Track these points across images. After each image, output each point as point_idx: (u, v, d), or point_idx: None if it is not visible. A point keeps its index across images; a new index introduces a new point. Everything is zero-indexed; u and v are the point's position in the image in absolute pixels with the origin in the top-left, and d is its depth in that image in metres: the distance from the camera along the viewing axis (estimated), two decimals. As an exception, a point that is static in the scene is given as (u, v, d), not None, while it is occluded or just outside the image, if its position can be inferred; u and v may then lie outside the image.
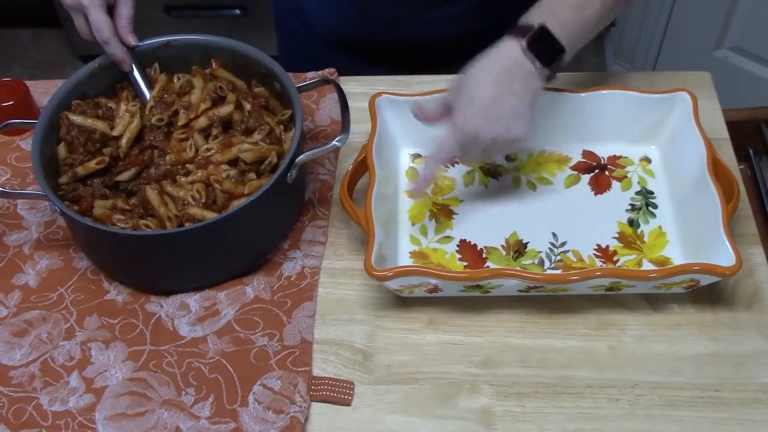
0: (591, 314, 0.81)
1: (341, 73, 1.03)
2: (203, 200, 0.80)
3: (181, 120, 0.86)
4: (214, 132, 0.86)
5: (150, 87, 0.89)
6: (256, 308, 0.82)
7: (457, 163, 0.93)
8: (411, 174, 0.92)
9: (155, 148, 0.85)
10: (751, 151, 1.02)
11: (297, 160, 0.80)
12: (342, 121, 0.82)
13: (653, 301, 0.81)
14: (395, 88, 1.01)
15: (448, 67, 1.04)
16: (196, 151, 0.85)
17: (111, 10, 0.85)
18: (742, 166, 0.97)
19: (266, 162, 0.83)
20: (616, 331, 0.79)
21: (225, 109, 0.86)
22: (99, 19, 0.83)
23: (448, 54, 1.05)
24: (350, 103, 0.85)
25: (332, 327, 0.81)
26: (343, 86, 0.93)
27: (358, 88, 1.01)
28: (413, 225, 0.88)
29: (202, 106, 0.86)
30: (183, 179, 0.83)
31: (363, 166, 0.85)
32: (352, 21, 1.05)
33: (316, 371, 0.77)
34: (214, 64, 0.90)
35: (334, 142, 0.80)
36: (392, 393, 0.76)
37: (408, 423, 0.74)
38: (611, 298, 0.81)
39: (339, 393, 0.75)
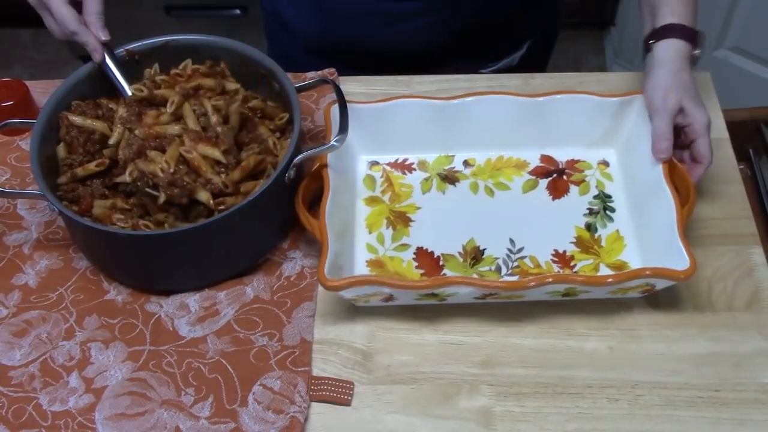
0: (590, 314, 0.81)
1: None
2: (171, 170, 0.78)
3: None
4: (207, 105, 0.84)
5: (127, 79, 0.87)
6: (256, 308, 0.82)
7: (415, 170, 0.92)
8: (368, 182, 0.91)
9: (129, 130, 0.82)
10: (750, 151, 1.02)
11: (295, 160, 0.80)
12: (340, 121, 0.82)
13: (653, 301, 0.81)
14: (395, 87, 1.01)
15: (429, 71, 1.03)
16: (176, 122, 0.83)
17: (78, 8, 0.83)
18: (741, 166, 0.97)
19: (265, 174, 0.83)
20: (616, 331, 0.79)
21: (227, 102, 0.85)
22: (62, 11, 0.81)
23: (425, 62, 1.05)
24: (350, 103, 0.85)
25: (332, 327, 0.81)
26: (342, 86, 0.93)
27: (358, 88, 1.01)
28: (370, 233, 0.87)
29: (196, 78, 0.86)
30: (154, 153, 0.80)
31: (320, 175, 0.84)
32: (324, 30, 1.05)
33: (316, 371, 0.77)
34: (222, 63, 0.90)
35: (332, 142, 0.80)
36: (392, 393, 0.76)
37: (408, 423, 0.74)
38: (611, 299, 0.81)
39: (339, 393, 0.75)
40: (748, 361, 0.77)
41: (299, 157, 0.81)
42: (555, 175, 0.91)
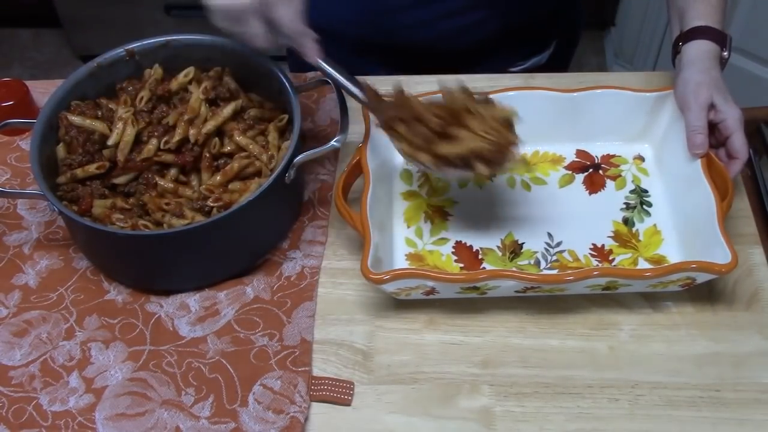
0: (590, 314, 0.81)
1: (351, 73, 1.02)
2: (175, 139, 0.80)
3: (180, 129, 0.84)
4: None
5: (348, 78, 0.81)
6: (256, 308, 0.82)
7: None
8: (405, 176, 0.92)
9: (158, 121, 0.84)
10: (751, 151, 1.02)
11: (295, 161, 0.80)
12: (340, 122, 0.82)
13: (653, 301, 0.81)
14: (395, 88, 1.01)
15: (459, 70, 1.03)
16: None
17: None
18: (742, 166, 0.97)
19: (263, 175, 0.84)
20: (616, 330, 0.79)
21: (229, 109, 0.86)
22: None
23: (459, 61, 1.05)
24: (350, 104, 0.85)
25: (332, 327, 0.81)
26: (342, 86, 0.92)
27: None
28: (408, 227, 0.87)
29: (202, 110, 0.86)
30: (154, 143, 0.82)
31: (358, 169, 0.85)
32: (364, 23, 1.04)
33: (316, 371, 0.77)
34: (225, 72, 0.90)
35: (332, 143, 0.80)
36: (392, 393, 0.76)
37: (408, 423, 0.74)
38: (611, 298, 0.81)
39: (339, 393, 0.75)
40: (749, 361, 0.77)
41: (299, 157, 0.81)
42: (591, 170, 0.92)
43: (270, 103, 0.91)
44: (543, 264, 0.84)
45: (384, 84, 1.01)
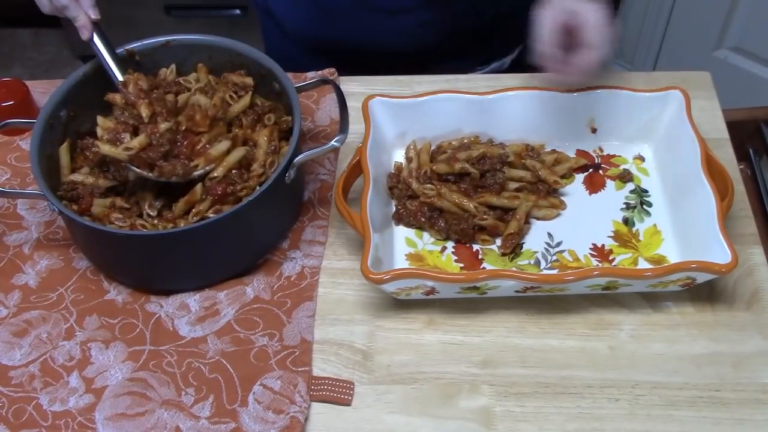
0: (590, 314, 0.81)
1: None
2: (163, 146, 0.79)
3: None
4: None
5: (115, 59, 0.86)
6: (256, 308, 0.82)
7: None
8: None
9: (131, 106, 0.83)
10: (751, 151, 1.02)
11: (295, 161, 0.80)
12: (340, 122, 0.82)
13: (653, 301, 0.81)
14: (395, 87, 1.01)
15: (421, 72, 1.03)
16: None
17: None
18: (742, 166, 0.97)
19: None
20: (616, 330, 0.79)
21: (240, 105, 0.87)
22: None
23: (417, 63, 1.04)
24: (350, 103, 0.85)
25: (332, 327, 0.81)
26: (342, 86, 0.93)
27: (357, 87, 1.01)
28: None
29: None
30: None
31: (358, 169, 0.85)
32: (313, 25, 1.04)
33: (316, 371, 0.77)
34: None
35: (332, 143, 0.80)
36: (392, 393, 0.76)
37: (408, 423, 0.74)
38: (611, 298, 0.81)
39: (339, 393, 0.75)
40: (749, 361, 0.77)
41: (299, 157, 0.81)
42: (591, 170, 0.92)
43: (269, 102, 0.91)
44: (543, 264, 0.84)
45: (383, 83, 1.02)
